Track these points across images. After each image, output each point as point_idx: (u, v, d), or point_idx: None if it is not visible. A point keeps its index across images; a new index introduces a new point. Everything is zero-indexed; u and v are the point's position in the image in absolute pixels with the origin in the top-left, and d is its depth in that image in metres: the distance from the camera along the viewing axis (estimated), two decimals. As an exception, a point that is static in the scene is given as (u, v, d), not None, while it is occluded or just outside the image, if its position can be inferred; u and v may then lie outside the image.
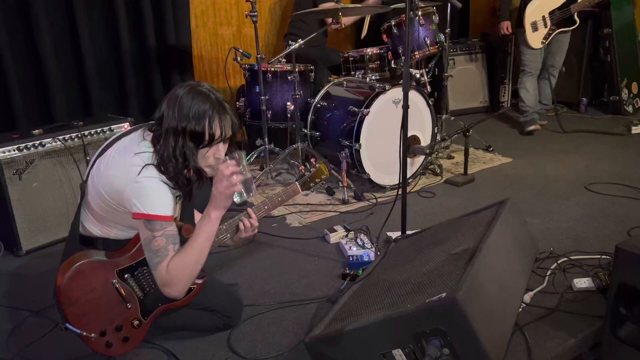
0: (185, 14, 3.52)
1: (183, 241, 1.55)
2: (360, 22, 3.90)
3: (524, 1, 3.85)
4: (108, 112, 3.12)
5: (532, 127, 4.05)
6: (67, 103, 3.14)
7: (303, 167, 3.06)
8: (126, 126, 2.74)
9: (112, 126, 2.69)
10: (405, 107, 2.00)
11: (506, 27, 4.06)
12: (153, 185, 1.49)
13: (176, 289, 1.50)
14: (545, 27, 3.85)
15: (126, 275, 1.60)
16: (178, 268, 1.48)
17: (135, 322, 1.62)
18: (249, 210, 1.77)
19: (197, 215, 1.77)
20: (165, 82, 3.54)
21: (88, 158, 2.57)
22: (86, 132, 2.58)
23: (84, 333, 1.53)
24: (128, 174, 1.49)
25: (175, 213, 1.57)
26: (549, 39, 3.87)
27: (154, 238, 1.48)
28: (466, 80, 4.66)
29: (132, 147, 1.56)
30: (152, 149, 1.53)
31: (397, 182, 3.02)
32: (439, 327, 1.25)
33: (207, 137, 1.51)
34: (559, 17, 3.83)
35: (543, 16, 3.83)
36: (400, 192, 2.20)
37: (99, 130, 2.63)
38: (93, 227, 1.65)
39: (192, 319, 1.78)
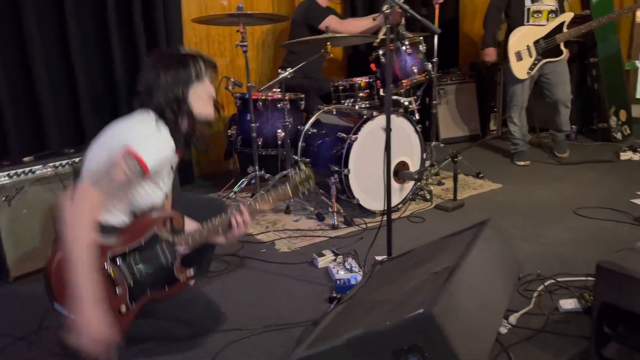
0: (179, 46, 3.60)
1: (175, 231, 1.64)
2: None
3: (508, 32, 3.86)
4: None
5: (521, 163, 4.02)
6: (60, 131, 3.18)
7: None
8: (117, 153, 2.76)
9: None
10: (388, 130, 2.03)
11: (490, 53, 3.96)
12: (153, 134, 1.58)
13: (66, 219, 1.46)
14: (530, 56, 3.80)
15: (119, 261, 1.60)
16: (75, 222, 1.45)
17: (123, 308, 1.62)
18: (241, 206, 1.79)
19: (190, 223, 1.79)
20: (159, 112, 3.59)
21: (78, 185, 2.59)
22: (77, 159, 2.61)
23: (71, 315, 1.51)
24: (130, 127, 1.61)
25: (167, 188, 1.67)
26: (535, 69, 3.82)
27: (119, 170, 1.51)
28: (457, 108, 4.73)
29: (127, 119, 1.65)
30: (148, 114, 1.64)
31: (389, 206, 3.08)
32: (416, 344, 1.24)
33: (193, 73, 1.65)
34: (545, 47, 3.79)
35: (527, 46, 3.79)
36: (385, 216, 2.21)
37: (90, 157, 2.66)
38: None
39: (162, 328, 1.78)
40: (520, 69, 3.82)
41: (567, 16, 3.76)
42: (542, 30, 3.78)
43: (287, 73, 3.01)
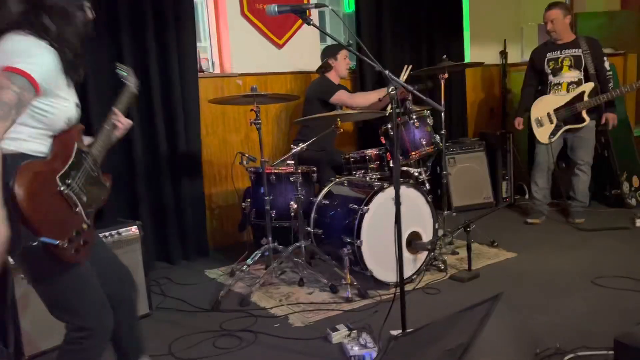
0: (196, 124, 3.76)
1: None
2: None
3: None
4: (118, 217, 3.24)
5: (530, 220, 4.21)
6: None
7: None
8: (134, 229, 2.83)
9: (120, 230, 2.78)
10: (398, 203, 2.07)
11: (518, 122, 4.28)
12: (29, 46, 1.47)
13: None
14: (551, 123, 4.05)
15: (68, 180, 1.58)
16: None
17: (84, 226, 1.62)
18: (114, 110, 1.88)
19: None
20: (175, 187, 3.70)
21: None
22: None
23: (59, 242, 1.49)
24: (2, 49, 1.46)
25: (73, 97, 1.64)
26: (557, 135, 4.04)
27: (8, 90, 1.38)
28: (469, 177, 4.78)
29: None
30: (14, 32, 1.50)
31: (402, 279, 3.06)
32: None
33: None
34: (566, 115, 4.00)
35: (548, 113, 4.05)
36: (399, 289, 2.20)
37: (107, 234, 2.72)
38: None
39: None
40: (542, 134, 4.10)
41: (588, 87, 3.95)
42: (563, 99, 4.01)
43: (299, 148, 3.10)
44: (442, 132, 3.56)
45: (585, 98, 3.95)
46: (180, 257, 3.77)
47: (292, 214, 3.27)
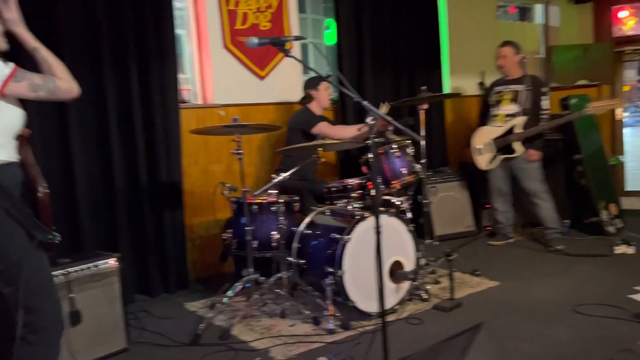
0: (177, 154, 3.74)
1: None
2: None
3: None
4: (98, 248, 3.19)
5: (494, 242, 4.48)
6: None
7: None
8: (112, 262, 2.78)
9: (98, 262, 2.73)
10: (378, 232, 2.07)
11: None
12: None
13: (74, 86, 1.86)
14: (489, 152, 4.34)
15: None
16: (64, 75, 1.84)
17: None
18: None
19: None
20: (156, 218, 3.66)
21: (71, 295, 2.58)
22: (71, 269, 2.61)
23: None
24: None
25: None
26: (495, 162, 4.33)
27: (33, 77, 1.77)
28: (450, 206, 4.81)
29: None
30: None
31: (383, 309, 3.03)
32: None
33: None
34: (500, 145, 4.28)
35: (486, 142, 4.34)
36: (380, 321, 2.18)
37: (84, 267, 2.66)
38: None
39: None
40: (481, 161, 4.41)
41: (518, 120, 4.21)
42: (499, 130, 4.30)
43: (280, 178, 3.11)
44: (423, 161, 3.59)
45: (515, 130, 4.20)
46: (160, 290, 3.70)
47: (274, 244, 3.25)
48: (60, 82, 1.83)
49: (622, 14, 6.15)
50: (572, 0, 6.36)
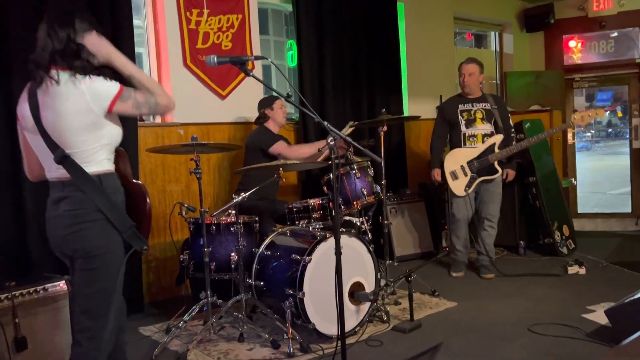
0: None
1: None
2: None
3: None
4: (45, 271, 3.04)
5: (456, 274, 4.22)
6: (5, 263, 3.07)
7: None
8: (62, 285, 2.66)
9: (47, 285, 2.61)
10: (338, 253, 2.06)
11: (437, 174, 4.19)
12: (96, 81, 1.86)
13: (171, 100, 2.00)
14: (466, 175, 4.09)
15: None
16: (161, 92, 1.97)
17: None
18: None
19: None
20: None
21: (16, 320, 2.45)
22: (17, 293, 2.48)
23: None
24: (82, 94, 1.84)
25: None
26: (473, 187, 4.08)
27: (137, 96, 1.90)
28: (409, 227, 4.86)
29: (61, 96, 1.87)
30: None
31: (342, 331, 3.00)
32: None
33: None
34: (479, 167, 4.06)
35: (462, 166, 4.09)
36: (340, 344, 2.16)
37: (31, 290, 2.54)
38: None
39: None
40: (458, 187, 4.12)
41: (497, 138, 4.07)
42: (475, 151, 4.08)
43: (240, 198, 3.07)
44: (383, 182, 3.62)
45: (496, 150, 4.05)
46: (113, 314, 3.55)
47: (233, 265, 3.19)
48: (160, 98, 1.95)
49: (572, 43, 6.45)
50: (524, 28, 6.64)
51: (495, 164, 4.06)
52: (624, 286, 3.61)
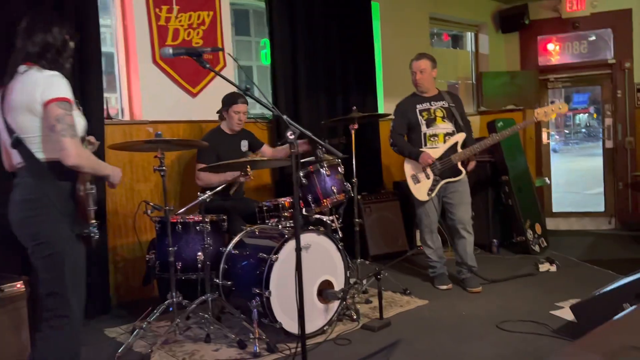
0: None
1: None
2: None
3: None
4: (5, 270, 2.95)
5: (443, 287, 3.83)
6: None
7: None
8: (19, 285, 2.59)
9: (3, 286, 2.54)
10: (298, 249, 2.02)
11: (426, 156, 3.76)
12: (57, 78, 1.97)
13: (80, 160, 1.96)
14: (428, 178, 3.78)
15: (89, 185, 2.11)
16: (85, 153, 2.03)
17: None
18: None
19: None
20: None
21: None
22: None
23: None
24: (36, 80, 1.95)
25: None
26: (436, 190, 3.77)
27: (67, 115, 1.93)
28: (384, 225, 4.84)
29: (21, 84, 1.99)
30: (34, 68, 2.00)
31: (312, 330, 2.97)
32: None
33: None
34: (442, 168, 3.76)
35: (423, 168, 3.78)
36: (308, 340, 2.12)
37: (-16, 291, 2.47)
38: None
39: None
40: (420, 191, 3.81)
41: (460, 137, 3.80)
42: (437, 152, 3.78)
43: (205, 196, 3.02)
44: (354, 180, 3.60)
45: (459, 149, 3.78)
46: (78, 315, 3.47)
47: (199, 265, 3.13)
48: (73, 150, 1.95)
49: (550, 46, 6.50)
50: (500, 29, 6.68)
51: (459, 164, 3.78)
52: (594, 283, 3.61)
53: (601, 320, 2.07)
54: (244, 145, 3.91)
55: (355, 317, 3.22)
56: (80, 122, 2.07)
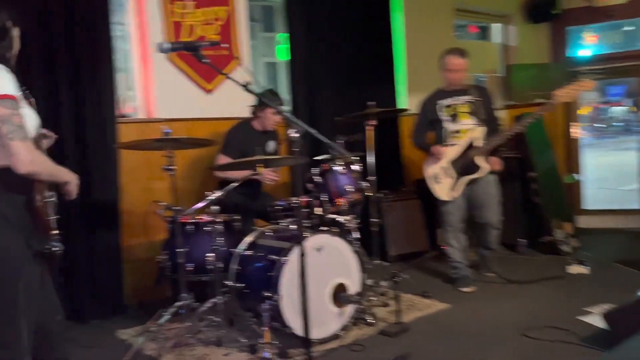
0: (112, 171, 3.54)
1: None
2: None
3: None
4: None
5: (466, 289, 3.68)
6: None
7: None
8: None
9: None
10: (301, 254, 1.91)
11: (436, 150, 3.72)
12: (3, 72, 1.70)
13: (35, 166, 1.71)
14: (449, 177, 3.67)
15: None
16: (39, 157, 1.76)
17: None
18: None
19: None
20: (88, 239, 3.45)
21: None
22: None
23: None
24: None
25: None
26: (459, 189, 3.67)
27: (14, 115, 1.67)
28: (405, 225, 4.69)
29: None
30: None
31: (326, 335, 2.87)
32: None
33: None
34: (462, 165, 3.64)
35: (443, 167, 3.68)
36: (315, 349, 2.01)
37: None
38: None
39: None
40: (442, 190, 3.72)
41: (477, 132, 3.66)
42: (456, 149, 3.67)
43: (216, 194, 2.94)
44: (371, 178, 3.46)
45: (476, 144, 3.64)
46: (92, 316, 3.46)
47: (211, 266, 3.06)
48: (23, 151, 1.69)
49: (582, 37, 6.21)
50: (529, 20, 6.42)
51: (479, 160, 3.61)
52: (627, 287, 3.39)
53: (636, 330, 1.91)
54: (271, 145, 3.83)
55: (371, 321, 3.10)
56: (31, 119, 1.79)
